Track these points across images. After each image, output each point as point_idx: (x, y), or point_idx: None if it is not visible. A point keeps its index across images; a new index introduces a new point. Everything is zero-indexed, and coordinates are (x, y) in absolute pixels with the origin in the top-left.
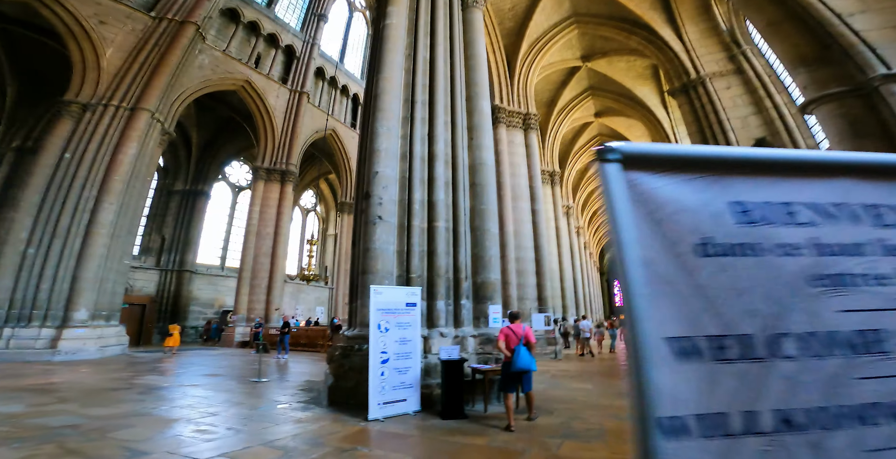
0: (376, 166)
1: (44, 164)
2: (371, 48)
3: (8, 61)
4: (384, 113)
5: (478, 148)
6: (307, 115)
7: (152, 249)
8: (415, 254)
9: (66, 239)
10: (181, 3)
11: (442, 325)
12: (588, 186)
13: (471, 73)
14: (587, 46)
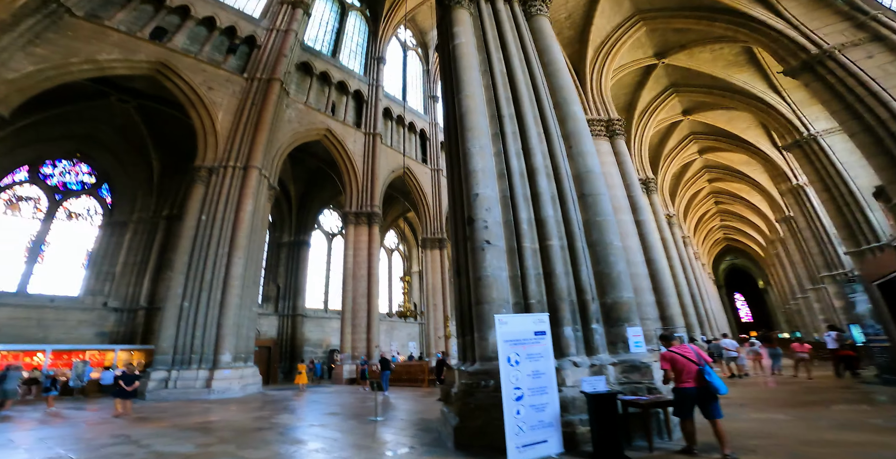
0: (475, 188)
1: (188, 227)
2: (443, 71)
3: (150, 135)
4: (474, 131)
5: (579, 155)
6: (382, 156)
7: (271, 297)
8: (530, 278)
9: (210, 291)
10: (265, 62)
11: (573, 354)
12: (686, 191)
13: (552, 79)
14: (659, 42)
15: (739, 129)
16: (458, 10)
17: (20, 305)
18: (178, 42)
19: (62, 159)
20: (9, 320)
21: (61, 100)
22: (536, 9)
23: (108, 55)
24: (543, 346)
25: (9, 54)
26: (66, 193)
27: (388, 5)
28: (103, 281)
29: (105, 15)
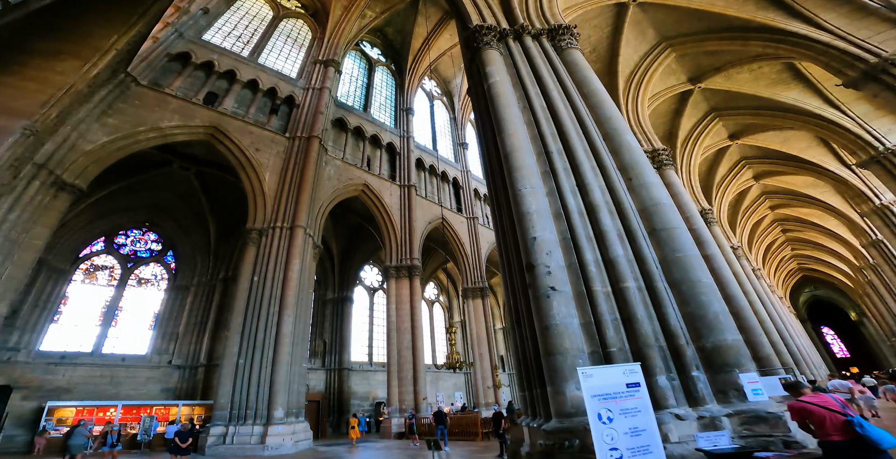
0: (532, 231)
1: (241, 289)
2: (479, 113)
3: (207, 200)
4: (522, 171)
5: (642, 187)
6: (418, 208)
7: (318, 352)
8: (606, 325)
9: (262, 349)
10: (304, 120)
11: (672, 406)
12: (747, 221)
13: (597, 110)
14: (692, 67)
15: (798, 150)
16: (487, 51)
17: (95, 364)
18: (228, 105)
19: (133, 229)
20: (86, 378)
21: (131, 170)
22: (566, 43)
23: (170, 122)
24: (640, 400)
25: (86, 126)
26: (136, 261)
27: (412, 58)
28: (168, 341)
29: (165, 83)
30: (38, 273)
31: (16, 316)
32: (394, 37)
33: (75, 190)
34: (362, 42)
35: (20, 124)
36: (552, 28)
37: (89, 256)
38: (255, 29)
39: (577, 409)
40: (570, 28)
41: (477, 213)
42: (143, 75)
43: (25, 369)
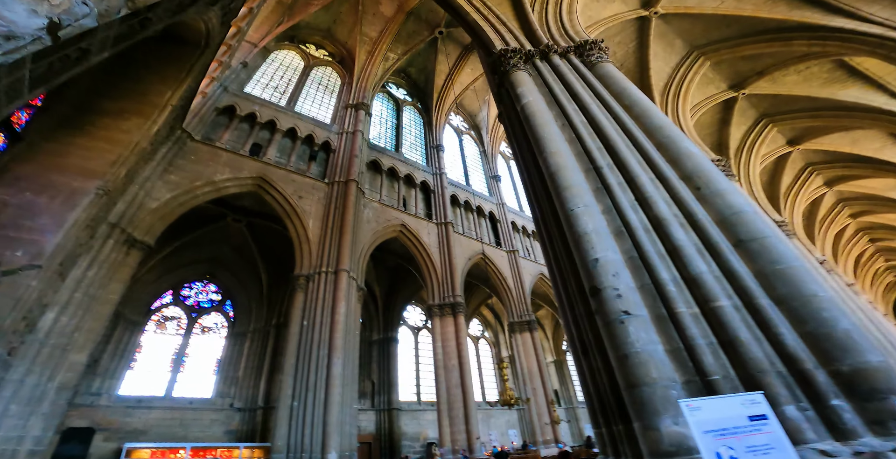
0: (592, 252)
1: (292, 333)
2: (514, 138)
3: (258, 251)
4: (572, 189)
5: (716, 196)
6: (456, 245)
7: (367, 393)
8: (701, 350)
9: (314, 391)
10: (340, 164)
11: (812, 440)
12: (827, 232)
13: (643, 120)
14: (730, 74)
15: (871, 150)
16: (516, 73)
17: (167, 407)
18: (271, 155)
19: (196, 281)
20: (159, 420)
21: (192, 226)
22: (596, 57)
23: (222, 175)
24: (771, 434)
25: (151, 183)
26: (199, 311)
27: (437, 95)
28: (230, 385)
29: (215, 136)
30: (115, 324)
31: (97, 364)
32: (417, 76)
33: (144, 246)
34: (388, 84)
35: (94, 184)
36: (578, 44)
37: (159, 308)
38: (290, 79)
39: (678, 447)
40: (597, 42)
41: (517, 246)
42: (196, 130)
43: (106, 412)
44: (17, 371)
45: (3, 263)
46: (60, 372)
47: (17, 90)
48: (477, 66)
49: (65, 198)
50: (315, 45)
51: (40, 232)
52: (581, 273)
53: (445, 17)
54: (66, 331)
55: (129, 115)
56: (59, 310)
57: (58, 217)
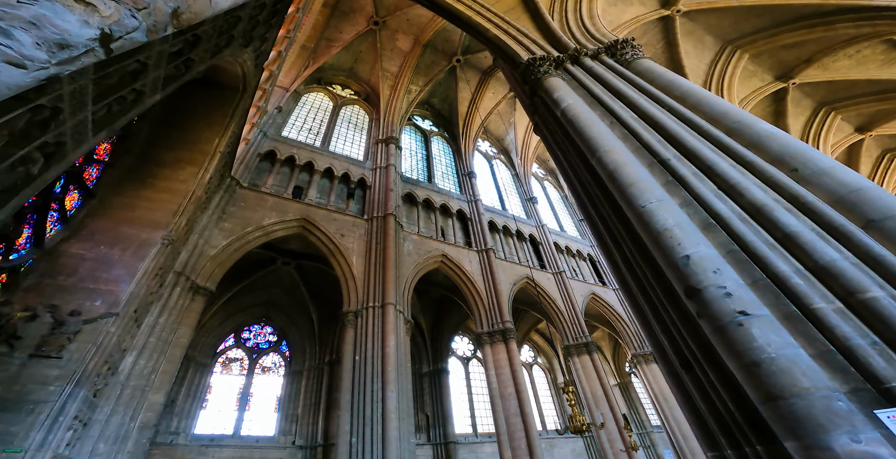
0: (680, 249)
1: (345, 369)
2: (558, 144)
3: (308, 291)
4: (638, 185)
5: (822, 175)
6: (500, 271)
7: (422, 427)
8: (863, 351)
9: (371, 426)
10: (377, 200)
11: None
12: None
13: (703, 109)
14: (773, 65)
15: None
16: (548, 80)
17: (236, 446)
18: (312, 196)
19: (254, 324)
20: None
21: (246, 272)
22: (631, 55)
23: (270, 220)
24: None
25: (209, 232)
26: (259, 352)
27: (462, 123)
28: (291, 423)
29: (260, 182)
30: (187, 367)
31: (174, 405)
32: (440, 106)
33: (207, 292)
34: (413, 116)
35: (160, 235)
36: (608, 45)
37: (224, 351)
38: (322, 120)
39: None
40: (628, 41)
41: (562, 267)
42: (243, 177)
43: (184, 451)
44: (102, 411)
45: (84, 312)
46: (141, 412)
47: (82, 133)
48: (498, 90)
49: (135, 250)
50: (341, 86)
51: (115, 283)
52: (669, 274)
53: (461, 45)
54: (144, 373)
55: (184, 165)
56: (136, 354)
57: (130, 267)
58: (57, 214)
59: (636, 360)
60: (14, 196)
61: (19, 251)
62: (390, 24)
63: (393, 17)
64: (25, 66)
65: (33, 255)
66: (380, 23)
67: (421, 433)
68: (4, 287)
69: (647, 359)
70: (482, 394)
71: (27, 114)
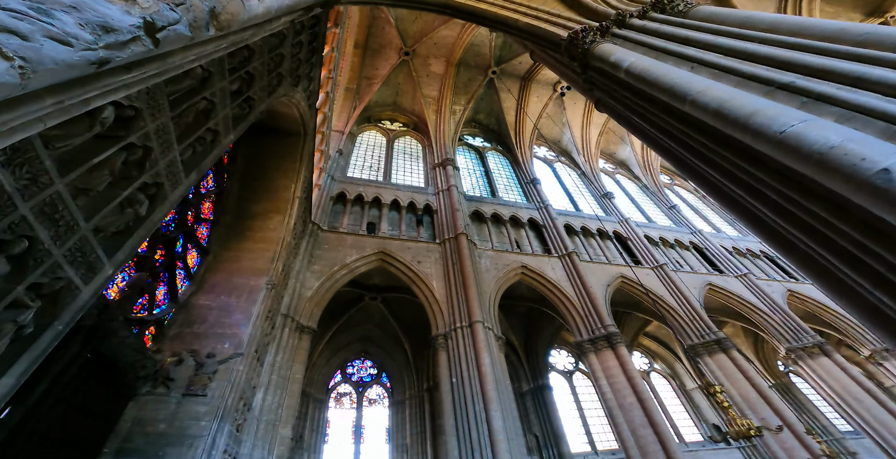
0: (869, 163)
1: (444, 392)
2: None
3: (396, 323)
4: (763, 113)
5: None
6: (588, 273)
7: (532, 449)
8: None
9: (480, 449)
10: (445, 222)
11: None
12: None
13: (809, 32)
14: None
15: None
16: (597, 47)
17: None
18: (384, 229)
19: (355, 360)
20: None
21: (340, 310)
22: (684, 5)
23: (351, 257)
24: None
25: (303, 275)
26: (363, 385)
27: (513, 132)
28: (401, 453)
29: (337, 224)
30: (307, 403)
31: (302, 440)
32: (487, 120)
33: (311, 331)
34: (463, 136)
35: (263, 281)
36: (653, 2)
37: (334, 386)
38: (379, 156)
39: None
40: None
41: (661, 260)
42: (322, 221)
43: None
44: (245, 445)
45: (218, 354)
46: (275, 446)
47: (175, 174)
48: (542, 93)
49: (247, 296)
50: (389, 120)
51: (237, 327)
52: (860, 200)
53: (493, 57)
54: (272, 408)
55: (271, 214)
56: (264, 391)
57: (245, 312)
58: (183, 272)
59: (793, 356)
60: (129, 236)
61: (160, 306)
62: (420, 51)
63: (421, 44)
64: (70, 44)
65: (172, 309)
66: (410, 53)
67: (533, 455)
68: (155, 337)
69: (810, 353)
70: (594, 408)
71: (122, 154)
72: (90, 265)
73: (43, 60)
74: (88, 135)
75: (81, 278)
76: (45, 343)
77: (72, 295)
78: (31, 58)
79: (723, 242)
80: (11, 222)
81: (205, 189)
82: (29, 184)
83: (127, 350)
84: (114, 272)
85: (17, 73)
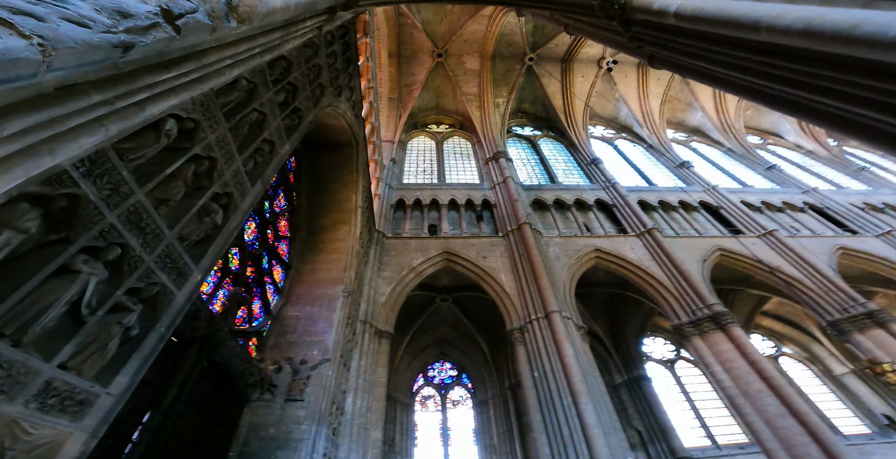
0: None
1: (527, 387)
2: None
3: (470, 322)
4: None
5: None
6: (676, 249)
7: (636, 444)
8: None
9: (573, 445)
10: (506, 214)
11: None
12: None
13: None
14: None
15: None
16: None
17: None
18: (446, 229)
19: (435, 363)
20: None
21: (414, 315)
22: None
23: (417, 261)
24: None
25: (375, 282)
26: (445, 387)
27: (564, 115)
28: (490, 453)
29: (400, 230)
30: (394, 407)
31: (394, 443)
32: (533, 108)
33: (388, 335)
34: (512, 128)
35: (339, 289)
36: None
37: (418, 390)
38: (430, 159)
39: None
40: None
41: (768, 226)
42: (386, 229)
43: None
44: (342, 449)
45: (309, 361)
46: (369, 450)
47: (242, 184)
48: (586, 72)
49: (327, 305)
50: (435, 124)
51: (322, 334)
52: None
53: (527, 43)
54: (362, 412)
55: (339, 225)
56: (353, 395)
57: (328, 320)
58: (272, 287)
59: None
60: (210, 244)
61: (257, 318)
62: (452, 50)
63: (451, 44)
64: (88, 25)
65: (268, 321)
66: (442, 53)
67: (637, 450)
68: (258, 347)
69: None
70: (708, 399)
71: (191, 165)
72: (180, 271)
73: (62, 38)
74: (158, 146)
75: (174, 283)
76: (151, 344)
77: (167, 299)
78: (49, 36)
79: (848, 199)
80: (102, 229)
81: (278, 208)
82: (111, 193)
83: (235, 359)
84: (202, 277)
85: (37, 50)
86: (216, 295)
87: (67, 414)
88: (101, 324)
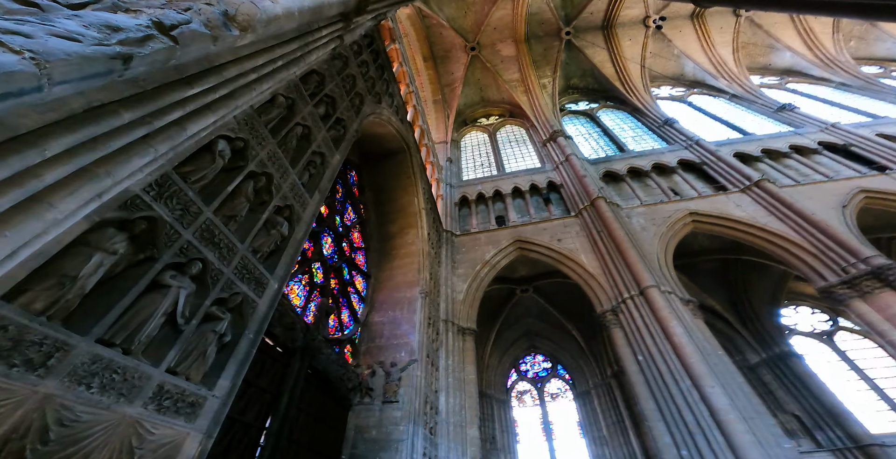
0: None
1: (632, 373)
2: None
3: (556, 310)
4: None
5: None
6: (800, 199)
7: (795, 430)
8: None
9: (702, 433)
10: (576, 192)
11: None
12: None
13: None
14: None
15: None
16: None
17: None
18: (514, 218)
19: (526, 356)
20: None
21: (495, 310)
22: None
23: (490, 253)
24: None
25: (451, 281)
26: (540, 380)
27: (620, 82)
28: (600, 446)
29: (468, 226)
30: (490, 404)
31: (495, 441)
32: (583, 82)
33: (471, 331)
34: (565, 105)
35: (416, 291)
36: None
37: (513, 385)
38: (486, 152)
39: None
40: None
41: None
42: (453, 227)
43: None
44: (441, 447)
45: (398, 363)
46: (468, 448)
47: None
48: (634, 35)
49: (408, 307)
50: (483, 117)
51: (406, 336)
52: None
53: (560, 18)
54: (456, 410)
55: (406, 229)
56: (445, 394)
57: (410, 321)
58: (356, 296)
59: None
60: (282, 254)
61: (347, 327)
62: (483, 41)
63: (482, 35)
64: (77, 40)
65: (358, 329)
66: (475, 46)
67: (798, 437)
68: (353, 354)
69: None
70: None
71: (249, 182)
72: (258, 281)
73: (52, 52)
74: (215, 167)
75: (254, 292)
76: (244, 349)
77: (251, 308)
78: (39, 50)
79: None
80: (181, 246)
81: (349, 221)
82: (182, 213)
83: (333, 365)
84: (279, 286)
85: (30, 63)
86: (308, 307)
87: (182, 415)
88: (197, 333)
